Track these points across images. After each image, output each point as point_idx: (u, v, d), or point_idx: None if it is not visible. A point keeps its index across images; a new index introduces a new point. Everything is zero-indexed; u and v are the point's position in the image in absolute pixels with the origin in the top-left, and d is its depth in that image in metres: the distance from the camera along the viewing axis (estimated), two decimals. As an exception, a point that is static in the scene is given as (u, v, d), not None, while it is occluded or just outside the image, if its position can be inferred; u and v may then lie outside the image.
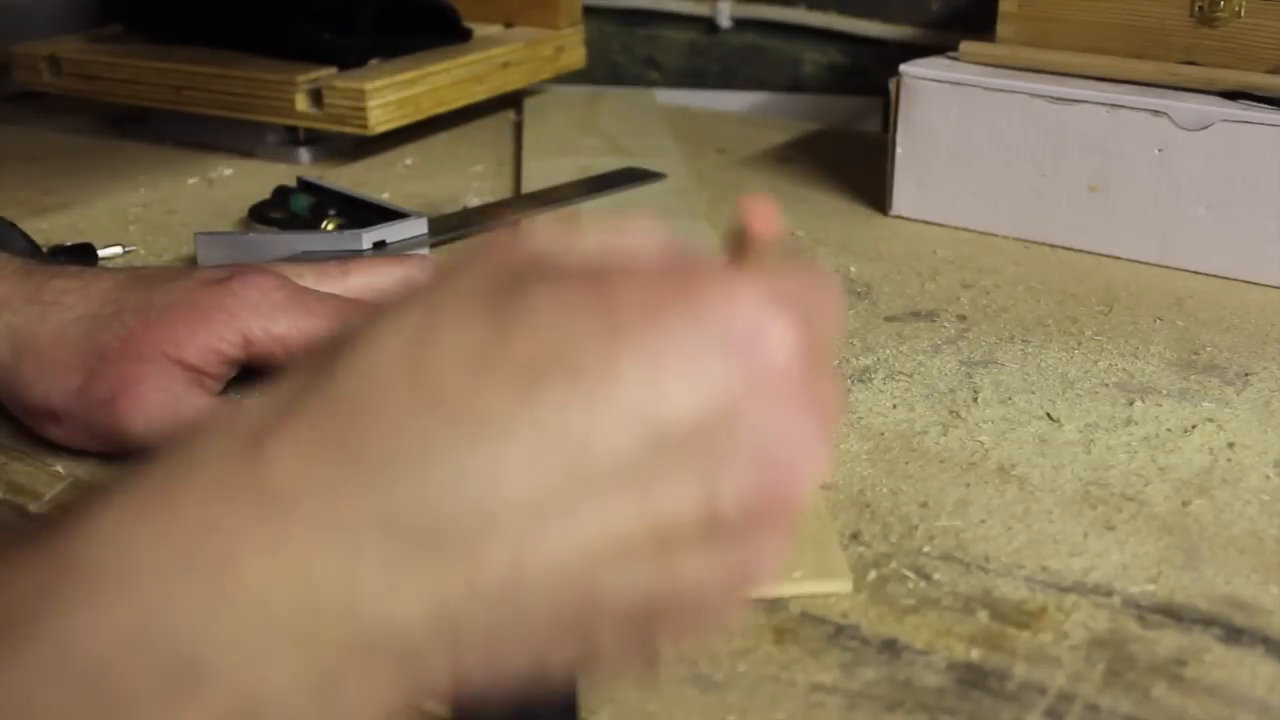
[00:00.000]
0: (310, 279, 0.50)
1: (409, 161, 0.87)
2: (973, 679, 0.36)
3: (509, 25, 0.98)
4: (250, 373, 0.49)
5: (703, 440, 0.26)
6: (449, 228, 0.69)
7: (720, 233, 0.34)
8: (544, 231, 0.29)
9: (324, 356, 0.27)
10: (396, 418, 0.25)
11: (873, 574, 0.40)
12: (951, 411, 0.51)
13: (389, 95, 0.82)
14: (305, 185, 0.73)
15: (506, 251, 0.28)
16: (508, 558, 0.25)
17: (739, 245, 0.29)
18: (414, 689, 0.26)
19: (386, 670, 0.25)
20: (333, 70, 0.84)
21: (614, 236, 0.29)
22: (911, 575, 0.40)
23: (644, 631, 0.28)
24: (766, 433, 0.27)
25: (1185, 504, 0.44)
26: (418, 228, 0.65)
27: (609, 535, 0.26)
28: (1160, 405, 0.51)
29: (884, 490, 0.45)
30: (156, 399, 0.45)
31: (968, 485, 0.45)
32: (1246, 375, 0.54)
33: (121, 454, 0.46)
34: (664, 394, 0.26)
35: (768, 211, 0.29)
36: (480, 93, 0.90)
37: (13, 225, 0.60)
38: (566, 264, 0.27)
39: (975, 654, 0.37)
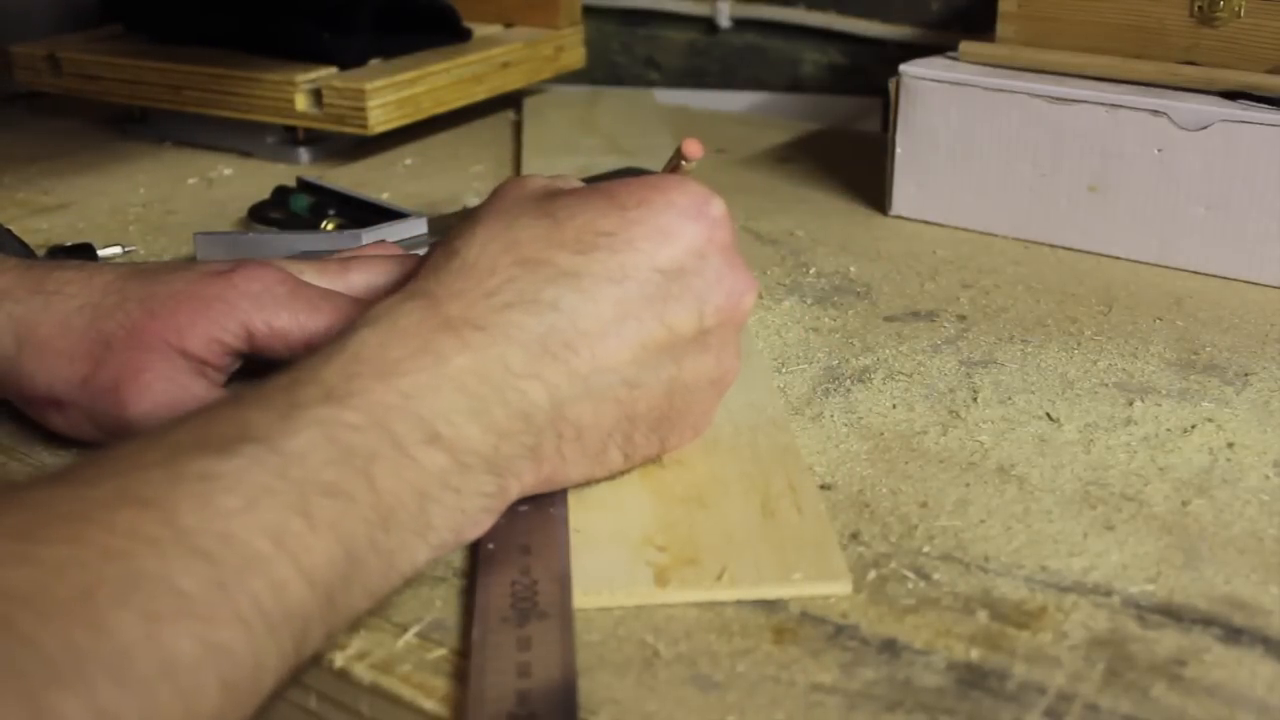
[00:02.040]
0: (311, 275, 0.50)
1: (409, 161, 0.87)
2: (972, 679, 0.36)
3: (509, 25, 0.98)
4: (254, 369, 0.49)
5: (690, 275, 0.41)
6: (449, 228, 0.69)
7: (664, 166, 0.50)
8: (540, 176, 0.45)
9: (445, 248, 0.41)
10: (509, 275, 0.39)
11: (872, 574, 0.40)
12: (951, 411, 0.51)
13: (389, 95, 0.82)
14: (305, 185, 0.73)
15: (526, 183, 0.44)
16: (589, 357, 0.39)
17: (675, 164, 0.48)
18: (538, 473, 0.39)
19: (523, 448, 0.38)
20: (333, 70, 0.84)
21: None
22: (911, 575, 0.40)
23: (662, 423, 0.42)
24: (723, 268, 0.42)
25: (1185, 504, 0.44)
26: (417, 227, 0.65)
27: (644, 342, 0.40)
28: (1160, 405, 0.51)
29: (883, 490, 0.45)
30: (161, 388, 0.45)
31: (967, 485, 0.45)
32: (1246, 375, 0.54)
33: None
34: (663, 248, 0.41)
35: (696, 144, 0.47)
36: (480, 93, 0.90)
37: (8, 231, 0.60)
38: (567, 185, 0.44)
39: (975, 654, 0.37)
